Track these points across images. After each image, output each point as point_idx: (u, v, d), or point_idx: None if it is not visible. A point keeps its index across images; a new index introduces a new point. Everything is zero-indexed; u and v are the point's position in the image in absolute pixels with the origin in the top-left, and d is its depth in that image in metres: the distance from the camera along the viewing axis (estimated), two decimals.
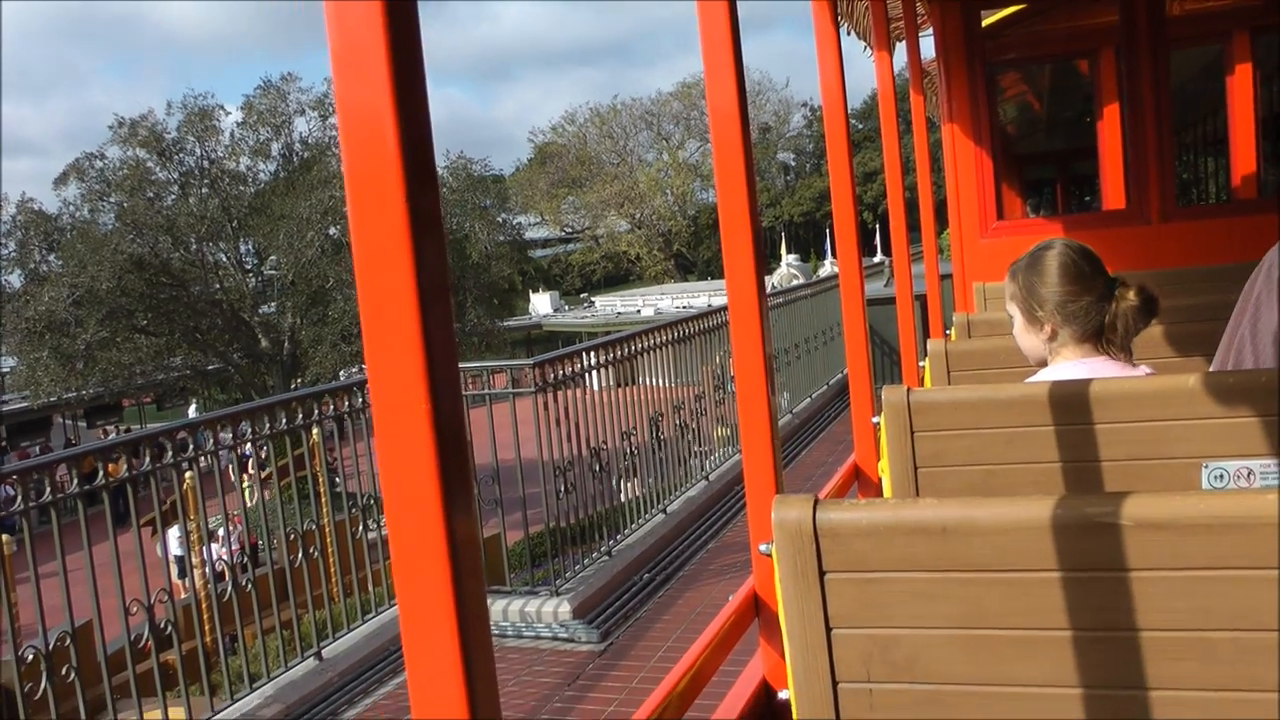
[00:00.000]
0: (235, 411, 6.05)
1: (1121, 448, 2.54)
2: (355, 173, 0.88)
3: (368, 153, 0.87)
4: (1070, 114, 12.37)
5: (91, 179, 35.43)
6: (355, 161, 0.88)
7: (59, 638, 4.69)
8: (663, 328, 9.25)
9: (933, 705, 1.64)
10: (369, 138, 0.87)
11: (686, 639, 6.10)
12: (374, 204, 0.87)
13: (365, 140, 0.87)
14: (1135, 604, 1.50)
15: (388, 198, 0.87)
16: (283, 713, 5.61)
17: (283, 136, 38.19)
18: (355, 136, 0.87)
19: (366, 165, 0.87)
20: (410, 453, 0.90)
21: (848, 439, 11.05)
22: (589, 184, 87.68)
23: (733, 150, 2.09)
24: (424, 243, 0.88)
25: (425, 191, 0.88)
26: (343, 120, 0.88)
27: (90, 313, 30.97)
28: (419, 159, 0.88)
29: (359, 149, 0.87)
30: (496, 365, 7.34)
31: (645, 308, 60.67)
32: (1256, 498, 1.46)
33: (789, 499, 1.69)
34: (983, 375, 3.70)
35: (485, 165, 41.17)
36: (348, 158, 0.88)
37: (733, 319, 2.16)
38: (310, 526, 6.32)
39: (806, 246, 78.35)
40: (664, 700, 1.85)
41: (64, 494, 4.79)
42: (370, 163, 0.87)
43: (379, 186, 0.87)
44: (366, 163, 0.87)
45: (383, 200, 0.87)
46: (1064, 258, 2.80)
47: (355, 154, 0.88)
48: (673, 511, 8.59)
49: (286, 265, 34.34)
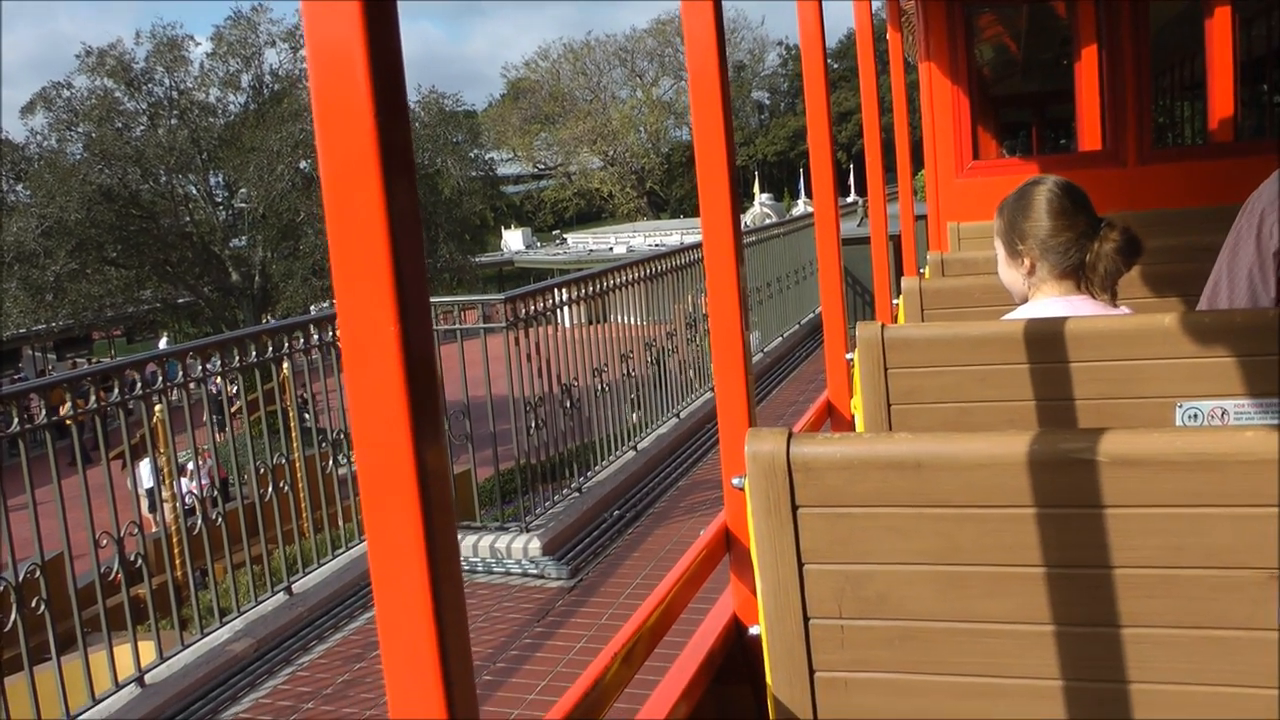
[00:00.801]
0: (205, 344, 6.00)
1: (1096, 386, 2.54)
2: (324, 105, 0.85)
3: (337, 85, 0.84)
4: (1047, 56, 12.31)
5: (59, 108, 35.12)
6: (324, 94, 0.85)
7: (29, 570, 4.67)
8: (634, 265, 9.23)
9: (904, 641, 1.64)
10: (338, 70, 0.84)
11: (656, 576, 6.13)
12: (344, 137, 0.85)
13: (334, 72, 0.84)
14: (1108, 540, 1.50)
15: (358, 131, 0.84)
16: (253, 647, 5.62)
17: (253, 68, 37.92)
18: (324, 68, 0.85)
19: (336, 98, 0.85)
20: (380, 385, 0.88)
21: (819, 379, 11.04)
22: (562, 120, 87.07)
23: (709, 83, 2.05)
24: (394, 176, 0.86)
25: (396, 125, 0.86)
26: (311, 52, 0.86)
27: (59, 244, 30.79)
28: (390, 92, 0.85)
29: (328, 81, 0.85)
30: (468, 300, 7.31)
31: (617, 245, 60.53)
32: (1232, 435, 1.45)
33: (762, 432, 1.68)
34: (957, 314, 3.70)
35: (458, 100, 40.93)
36: (316, 90, 0.86)
37: (708, 255, 2.14)
38: (280, 461, 6.29)
39: (780, 186, 78.07)
40: (634, 635, 1.85)
41: (33, 425, 4.75)
42: (340, 95, 0.84)
43: (349, 120, 0.84)
44: (336, 95, 0.85)
45: (353, 134, 0.85)
46: (1049, 193, 2.77)
47: (324, 86, 0.85)
48: (643, 449, 8.61)
49: (257, 198, 34.20)
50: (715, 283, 2.13)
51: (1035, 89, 15.66)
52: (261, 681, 5.38)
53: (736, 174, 2.10)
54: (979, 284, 3.75)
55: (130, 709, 4.96)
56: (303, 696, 5.18)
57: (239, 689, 5.31)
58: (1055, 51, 11.21)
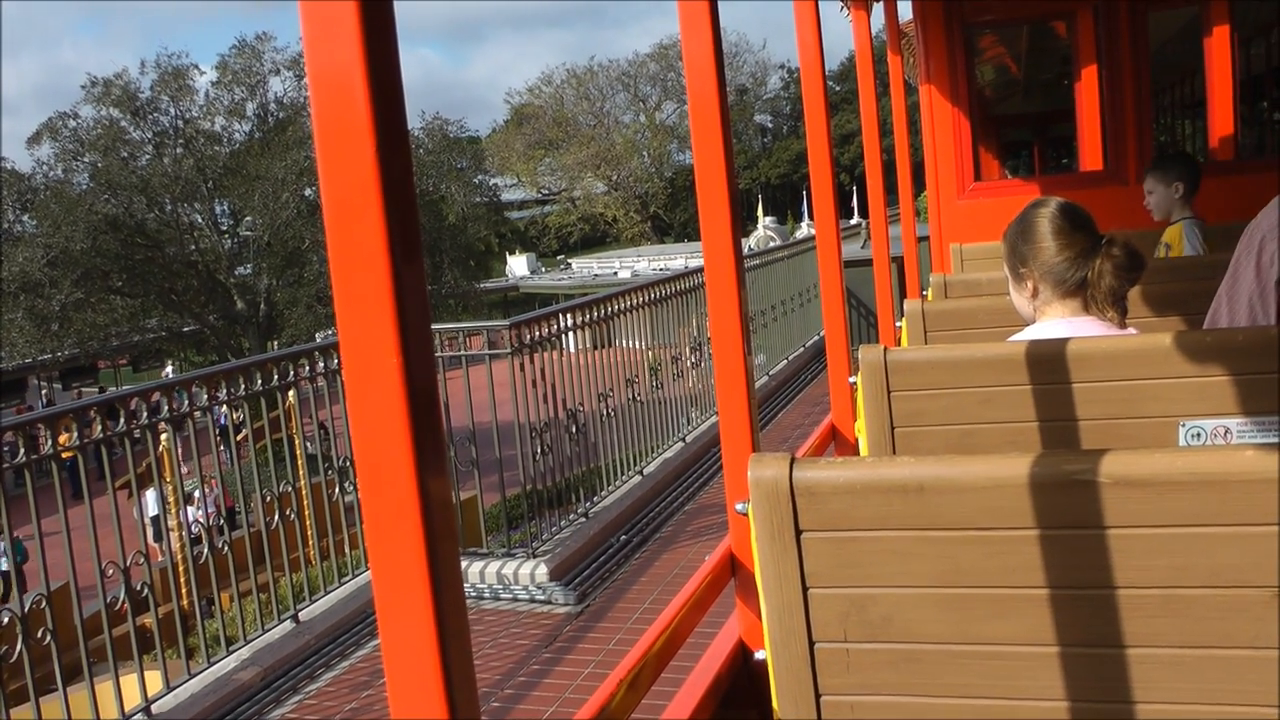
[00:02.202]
0: (211, 373, 6.01)
1: (1098, 407, 2.54)
2: (325, 133, 0.86)
3: (338, 112, 0.85)
4: (1048, 76, 12.36)
5: (65, 138, 35.26)
6: (325, 121, 0.86)
7: (35, 600, 4.67)
8: (639, 289, 9.23)
9: (910, 664, 1.64)
10: (339, 97, 0.85)
11: (663, 600, 6.11)
12: (345, 166, 0.86)
13: (335, 100, 0.85)
14: (1112, 561, 1.50)
15: (358, 159, 0.85)
16: (259, 675, 5.61)
17: (258, 96, 38.07)
18: (325, 96, 0.86)
19: (337, 125, 0.86)
20: (382, 415, 0.89)
21: (824, 401, 11.07)
22: (565, 145, 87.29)
23: (709, 108, 2.07)
24: (396, 205, 0.86)
25: (396, 153, 0.87)
26: (312, 80, 0.87)
27: (65, 273, 30.87)
28: (390, 119, 0.86)
29: (329, 109, 0.86)
30: (473, 327, 7.31)
31: (622, 270, 60.64)
32: (1235, 454, 1.46)
33: (765, 457, 1.68)
34: (960, 335, 3.70)
35: (461, 126, 41.06)
36: (318, 117, 0.87)
37: (709, 279, 2.15)
38: (286, 489, 6.29)
39: (783, 209, 78.19)
40: (640, 660, 1.85)
41: (39, 455, 4.75)
42: (341, 123, 0.85)
43: (350, 148, 0.85)
44: (337, 123, 0.86)
45: (354, 162, 0.86)
46: (1048, 214, 2.76)
47: (325, 114, 0.86)
48: (649, 473, 8.61)
49: (262, 226, 34.31)
50: (717, 308, 2.14)
51: (1037, 109, 15.71)
52: (269, 711, 5.36)
53: (738, 198, 2.11)
54: (982, 306, 3.75)
55: None
56: None
57: (246, 718, 5.30)
58: (1056, 71, 11.25)
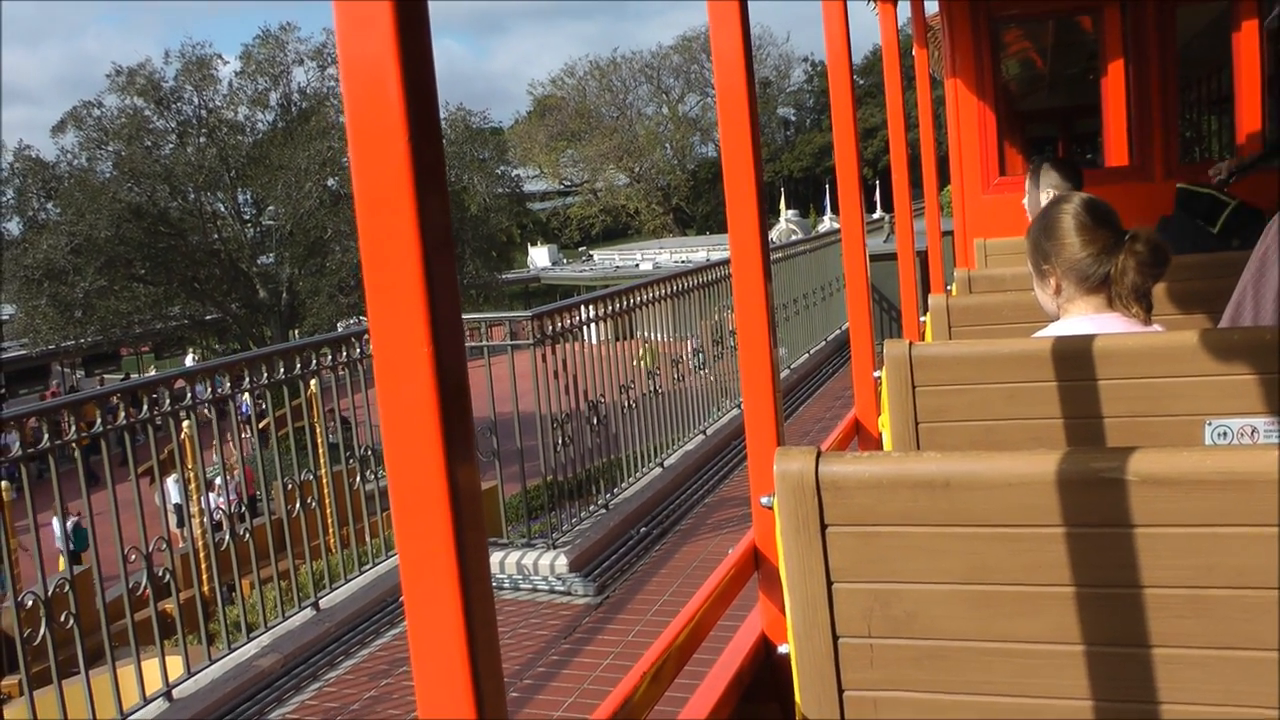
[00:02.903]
0: (233, 360, 6.03)
1: (1124, 404, 2.52)
2: (358, 123, 0.86)
3: (370, 103, 0.85)
4: (1073, 71, 12.27)
5: (89, 127, 35.43)
6: (358, 111, 0.86)
7: (58, 584, 4.70)
8: (661, 281, 9.23)
9: (933, 661, 1.63)
10: (372, 87, 0.85)
11: (683, 593, 6.12)
12: (377, 156, 0.86)
13: (368, 90, 0.85)
14: (1138, 560, 1.49)
15: (391, 149, 0.85)
16: (280, 662, 5.63)
17: (281, 86, 38.18)
18: (358, 87, 0.86)
19: (369, 115, 0.86)
20: (413, 404, 0.89)
21: (845, 395, 10.97)
22: (588, 137, 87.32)
23: (737, 101, 2.06)
24: (427, 195, 0.86)
25: (429, 143, 0.87)
26: (345, 70, 0.86)
27: (88, 261, 31.07)
28: (423, 110, 0.86)
29: (362, 99, 0.86)
30: (494, 317, 7.31)
31: (644, 262, 60.62)
32: (1264, 454, 1.44)
33: (791, 451, 1.68)
34: (984, 331, 3.68)
35: (484, 117, 41.11)
36: (350, 107, 0.87)
37: (735, 270, 2.14)
38: (307, 477, 6.31)
39: (806, 202, 77.96)
40: (664, 653, 1.85)
41: (62, 441, 4.78)
42: (373, 113, 0.85)
43: (382, 138, 0.85)
44: (369, 113, 0.86)
45: (386, 152, 0.85)
46: (1071, 210, 2.74)
47: (358, 104, 0.86)
48: (670, 465, 8.60)
49: (284, 216, 34.44)
50: (743, 300, 2.13)
51: (1062, 104, 15.60)
52: (289, 697, 5.38)
53: (764, 191, 2.10)
54: (1007, 301, 3.74)
55: None
56: (330, 713, 5.19)
57: (266, 704, 5.32)
58: (1082, 66, 11.18)
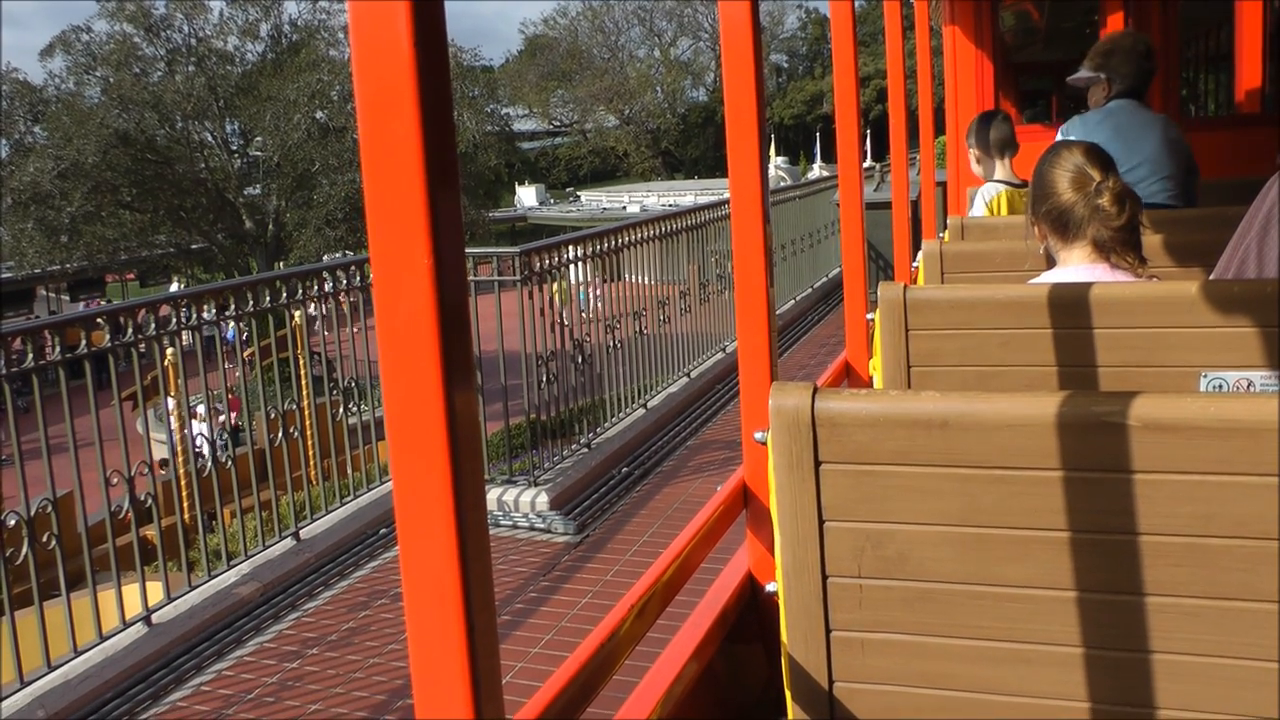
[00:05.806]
0: (219, 288, 5.98)
1: (1119, 354, 2.51)
2: (362, 35, 0.84)
3: (379, 42, 0.83)
4: (1070, 24, 12.19)
5: (78, 52, 35.36)
6: (362, 26, 0.83)
7: (40, 505, 4.68)
8: (648, 223, 9.17)
9: (923, 603, 1.62)
10: (381, 28, 0.82)
11: (663, 534, 6.13)
12: (381, 70, 0.83)
13: (377, 31, 0.83)
14: (1135, 507, 1.47)
15: (395, 58, 0.83)
16: (259, 591, 5.64)
17: (271, 18, 37.99)
18: (366, 28, 0.83)
19: (374, 29, 0.83)
20: (411, 323, 0.87)
21: (831, 342, 10.95)
22: (579, 78, 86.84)
23: (742, 39, 2.03)
24: (431, 107, 0.84)
25: (434, 51, 0.84)
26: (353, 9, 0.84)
27: (75, 186, 31.00)
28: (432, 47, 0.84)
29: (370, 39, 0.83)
30: (482, 253, 7.27)
31: (631, 204, 60.45)
32: (1267, 402, 1.42)
33: (787, 386, 1.65)
34: (976, 277, 3.67)
35: (475, 55, 40.79)
36: (355, 29, 0.84)
37: (734, 209, 2.12)
38: (290, 407, 6.28)
39: (796, 150, 77.78)
40: (649, 589, 1.84)
41: (45, 361, 4.74)
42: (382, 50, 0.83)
43: (386, 47, 0.83)
44: (373, 26, 0.83)
45: (389, 66, 0.83)
46: (1052, 159, 2.75)
47: (362, 18, 0.83)
48: (653, 406, 8.60)
49: (272, 147, 34.28)
50: (741, 238, 2.11)
51: (1058, 57, 15.51)
52: (267, 626, 5.39)
53: (765, 131, 2.07)
54: (1000, 248, 3.72)
55: (137, 647, 4.99)
56: (308, 642, 5.20)
57: (244, 632, 5.33)
58: (1079, 20, 11.10)
